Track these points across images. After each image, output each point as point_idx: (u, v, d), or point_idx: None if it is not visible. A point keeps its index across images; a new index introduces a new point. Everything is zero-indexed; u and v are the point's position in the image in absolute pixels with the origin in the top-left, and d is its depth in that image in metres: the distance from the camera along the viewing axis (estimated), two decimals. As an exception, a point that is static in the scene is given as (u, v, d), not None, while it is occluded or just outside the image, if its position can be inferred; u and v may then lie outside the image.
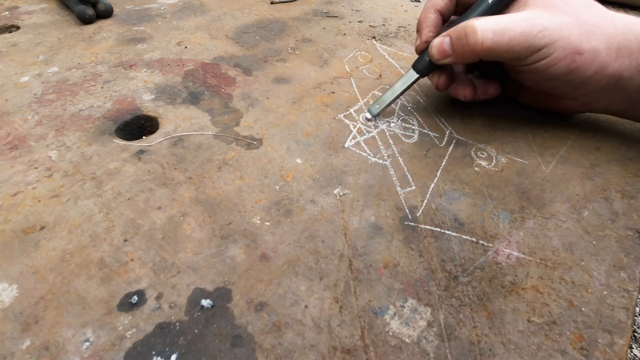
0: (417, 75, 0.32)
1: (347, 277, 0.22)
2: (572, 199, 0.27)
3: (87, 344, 0.19)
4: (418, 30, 0.33)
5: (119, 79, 0.39)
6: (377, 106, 0.33)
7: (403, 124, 0.34)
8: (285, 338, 0.20)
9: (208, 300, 0.21)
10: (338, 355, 0.19)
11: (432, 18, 0.32)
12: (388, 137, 0.32)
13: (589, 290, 0.22)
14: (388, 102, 0.33)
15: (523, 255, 0.24)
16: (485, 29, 0.26)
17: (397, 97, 0.33)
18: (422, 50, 0.32)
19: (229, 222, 0.25)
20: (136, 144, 0.31)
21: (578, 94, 0.29)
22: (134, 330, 0.20)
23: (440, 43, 0.29)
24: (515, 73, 0.31)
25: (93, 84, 0.38)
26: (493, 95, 0.34)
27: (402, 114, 0.35)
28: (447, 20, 0.34)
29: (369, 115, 0.34)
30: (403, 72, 0.41)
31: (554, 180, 0.28)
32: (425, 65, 0.32)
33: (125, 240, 0.24)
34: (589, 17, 0.27)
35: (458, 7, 0.33)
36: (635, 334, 0.65)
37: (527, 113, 0.35)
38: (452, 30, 0.28)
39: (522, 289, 0.22)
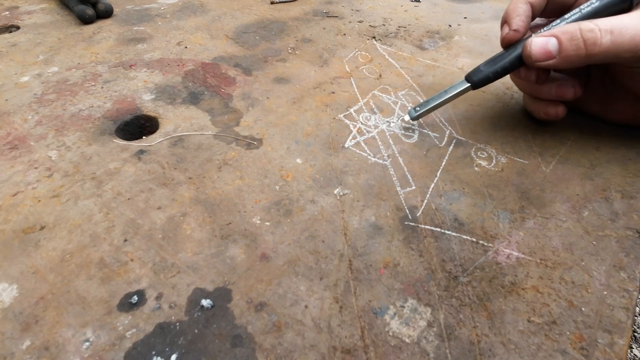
0: (468, 86, 0.30)
1: (347, 277, 0.22)
2: (572, 199, 0.27)
3: (87, 344, 0.19)
4: (505, 20, 0.29)
5: (119, 79, 0.39)
6: (418, 109, 0.32)
7: (403, 124, 0.34)
8: (285, 338, 0.20)
9: (208, 300, 0.21)
10: (338, 355, 0.19)
11: (523, 8, 0.28)
12: (388, 137, 0.32)
13: (589, 290, 0.22)
14: (429, 107, 0.31)
15: (523, 255, 0.24)
16: (604, 29, 0.24)
17: (441, 105, 0.31)
18: (511, 42, 0.28)
19: (229, 222, 0.25)
20: (136, 144, 0.31)
21: None
22: (134, 330, 0.20)
23: (544, 42, 0.25)
24: (629, 77, 0.28)
25: (93, 84, 0.38)
26: (571, 98, 0.29)
27: (402, 114, 0.35)
28: (535, 16, 0.30)
29: (407, 118, 0.32)
30: (403, 72, 0.41)
31: (554, 180, 0.28)
32: (481, 76, 0.29)
33: (125, 240, 0.24)
34: None
35: (549, 5, 0.29)
36: (635, 334, 0.65)
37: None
38: (559, 31, 0.25)
39: (522, 289, 0.22)
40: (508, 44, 0.29)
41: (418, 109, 0.32)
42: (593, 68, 0.32)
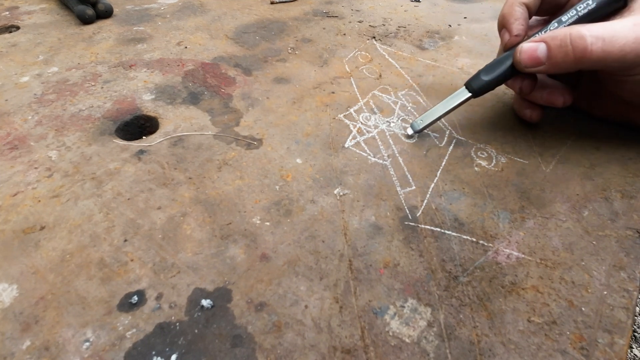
0: (469, 95, 0.30)
1: (347, 277, 0.22)
2: (572, 199, 0.27)
3: (87, 344, 0.19)
4: (504, 25, 0.29)
5: (119, 79, 0.39)
6: (421, 122, 0.31)
7: (403, 124, 0.34)
8: (285, 338, 0.20)
9: (208, 300, 0.21)
10: (338, 355, 0.19)
11: (519, 11, 0.28)
12: (388, 137, 0.32)
13: (589, 290, 0.22)
14: (433, 119, 0.31)
15: (523, 255, 0.24)
16: (594, 36, 0.23)
17: (444, 115, 0.31)
18: (512, 47, 0.28)
19: (229, 222, 0.25)
20: (136, 144, 0.31)
21: None
22: (134, 330, 0.20)
23: (533, 49, 0.25)
24: (614, 84, 0.28)
25: (93, 84, 0.38)
26: (560, 106, 0.30)
27: (402, 114, 0.35)
28: (531, 16, 0.30)
29: (410, 131, 0.32)
30: (403, 72, 0.41)
31: (554, 180, 0.28)
32: (481, 84, 0.29)
33: (125, 240, 0.24)
34: None
35: (543, 4, 0.29)
36: (635, 334, 0.65)
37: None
38: (549, 37, 0.25)
39: (522, 289, 0.22)
40: (508, 49, 0.30)
41: (421, 121, 0.31)
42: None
